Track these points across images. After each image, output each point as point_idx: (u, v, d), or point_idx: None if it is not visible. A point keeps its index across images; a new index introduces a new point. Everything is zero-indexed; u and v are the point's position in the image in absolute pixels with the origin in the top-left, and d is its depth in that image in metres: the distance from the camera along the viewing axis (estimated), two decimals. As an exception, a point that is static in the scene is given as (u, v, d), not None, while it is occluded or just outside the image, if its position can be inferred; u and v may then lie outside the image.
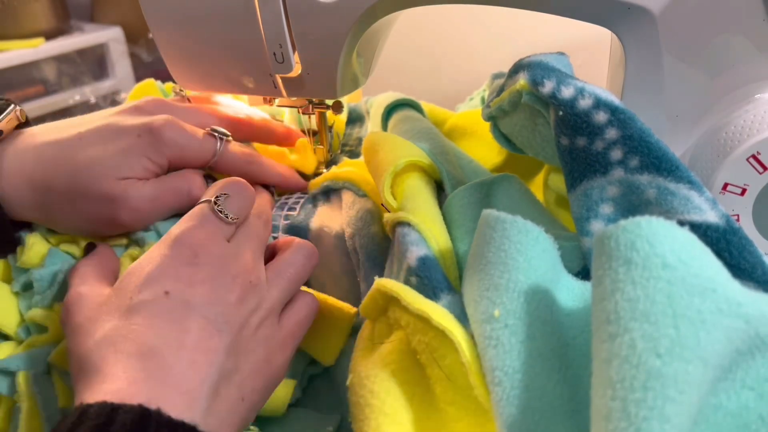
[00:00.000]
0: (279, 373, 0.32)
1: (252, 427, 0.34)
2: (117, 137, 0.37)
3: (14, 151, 0.37)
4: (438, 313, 0.27)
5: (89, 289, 0.32)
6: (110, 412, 0.23)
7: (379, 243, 0.37)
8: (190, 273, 0.30)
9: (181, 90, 0.45)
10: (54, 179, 0.36)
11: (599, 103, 0.29)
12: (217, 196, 0.33)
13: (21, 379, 0.33)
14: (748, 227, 0.34)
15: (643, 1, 0.32)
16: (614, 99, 0.30)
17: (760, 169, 0.32)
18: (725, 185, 0.33)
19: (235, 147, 0.41)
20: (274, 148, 0.47)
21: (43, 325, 0.36)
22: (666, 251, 0.20)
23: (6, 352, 0.35)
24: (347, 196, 0.41)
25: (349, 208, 0.40)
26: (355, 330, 0.37)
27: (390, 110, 0.51)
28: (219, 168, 0.41)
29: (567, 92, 0.30)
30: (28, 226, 0.39)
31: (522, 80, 0.32)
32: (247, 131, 0.44)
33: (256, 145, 0.47)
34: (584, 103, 0.30)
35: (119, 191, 0.36)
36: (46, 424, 0.33)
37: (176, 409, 0.25)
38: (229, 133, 0.41)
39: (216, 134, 0.40)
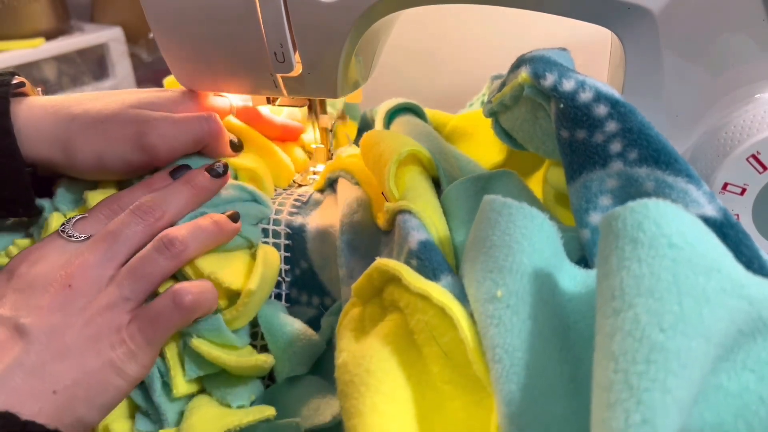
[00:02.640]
0: (118, 366, 0.32)
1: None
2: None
3: (33, 98, 0.39)
4: (438, 291, 0.27)
5: None
6: None
7: (360, 230, 0.38)
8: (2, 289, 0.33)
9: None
10: (78, 108, 0.38)
11: (600, 96, 0.30)
12: (67, 220, 0.36)
13: None
14: (747, 227, 0.34)
15: (643, 0, 0.33)
16: (614, 92, 0.30)
17: (760, 169, 0.32)
18: (725, 185, 0.33)
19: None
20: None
21: None
22: (673, 232, 0.20)
23: None
24: (341, 183, 0.42)
25: (342, 192, 0.41)
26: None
27: (392, 115, 0.52)
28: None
29: (568, 85, 0.30)
30: (48, 193, 0.40)
31: (524, 73, 0.32)
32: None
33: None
34: (585, 96, 0.30)
35: (146, 114, 0.39)
36: None
37: None
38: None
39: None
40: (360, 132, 0.56)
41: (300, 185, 0.47)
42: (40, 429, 0.28)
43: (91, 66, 1.13)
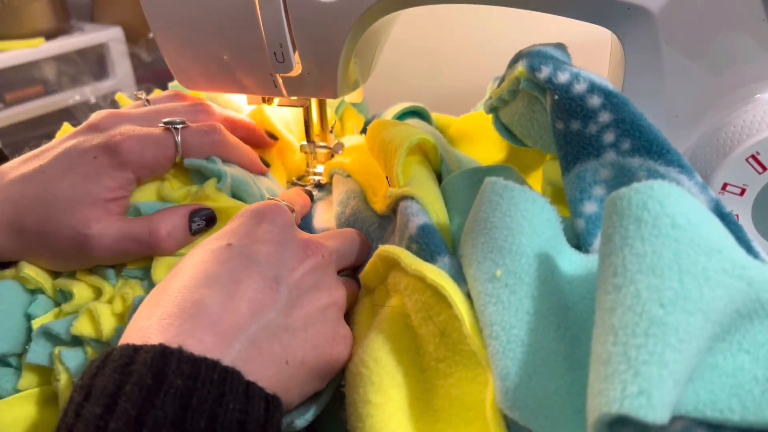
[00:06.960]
0: (335, 359, 0.30)
1: None
2: (75, 164, 0.35)
3: None
4: (433, 271, 0.28)
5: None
6: (132, 353, 0.24)
7: (353, 221, 0.39)
8: (258, 232, 0.31)
9: (144, 95, 0.45)
10: (25, 220, 0.35)
11: (593, 88, 0.30)
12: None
13: (55, 353, 0.34)
14: (747, 227, 0.34)
15: (643, 1, 0.33)
16: (608, 84, 0.31)
17: (760, 170, 0.32)
18: (724, 185, 0.33)
19: (193, 132, 0.39)
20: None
21: (69, 291, 0.36)
22: (676, 212, 0.20)
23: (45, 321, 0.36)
24: (335, 180, 0.43)
25: (335, 188, 0.43)
26: None
27: (399, 118, 0.53)
28: (188, 155, 0.39)
29: (563, 77, 0.31)
30: None
31: (520, 67, 0.33)
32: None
33: None
34: (579, 87, 0.30)
35: (84, 230, 0.35)
36: None
37: (203, 347, 0.25)
38: (183, 120, 0.39)
39: (170, 126, 0.38)
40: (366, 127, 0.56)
41: (301, 186, 0.47)
42: (261, 393, 0.25)
43: (91, 66, 1.13)
